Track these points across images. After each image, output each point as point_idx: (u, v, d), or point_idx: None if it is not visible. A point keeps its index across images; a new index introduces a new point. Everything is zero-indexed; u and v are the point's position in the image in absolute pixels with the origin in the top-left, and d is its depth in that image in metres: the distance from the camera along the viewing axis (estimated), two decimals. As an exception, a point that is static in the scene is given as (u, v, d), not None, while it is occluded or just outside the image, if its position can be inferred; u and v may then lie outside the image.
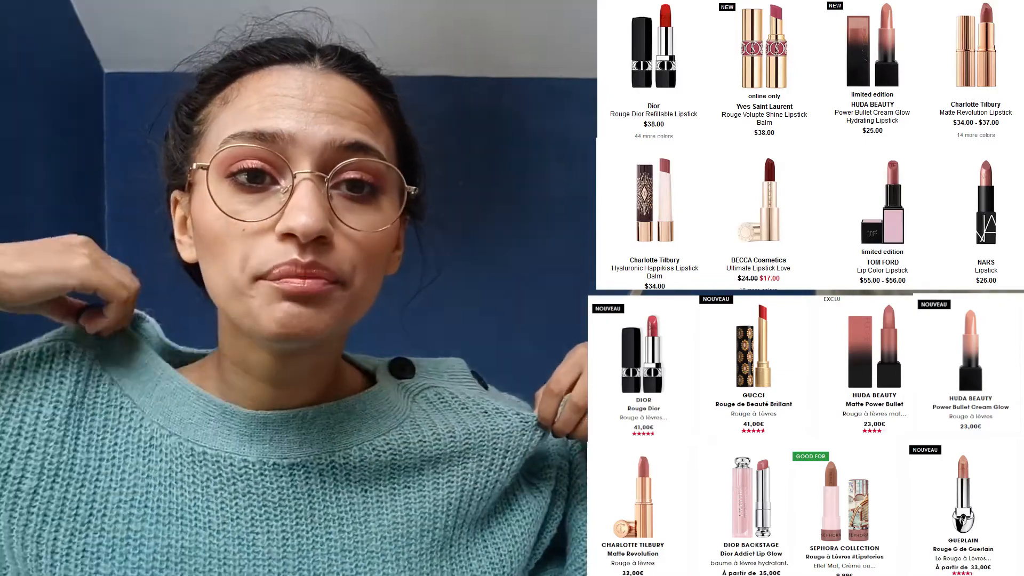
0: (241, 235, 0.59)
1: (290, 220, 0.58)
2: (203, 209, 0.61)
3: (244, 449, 0.65)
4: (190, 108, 0.66)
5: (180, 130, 0.66)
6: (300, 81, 0.62)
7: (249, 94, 0.62)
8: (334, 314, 0.61)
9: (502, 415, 0.74)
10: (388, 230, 0.63)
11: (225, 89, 0.64)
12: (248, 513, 0.64)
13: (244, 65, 0.64)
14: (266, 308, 0.59)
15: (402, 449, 0.69)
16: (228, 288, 0.60)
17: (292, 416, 0.66)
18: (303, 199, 0.58)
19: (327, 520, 0.66)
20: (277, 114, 0.60)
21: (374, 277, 0.64)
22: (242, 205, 0.60)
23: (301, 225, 0.57)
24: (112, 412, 0.65)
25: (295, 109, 0.60)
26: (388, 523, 0.68)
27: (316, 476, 0.66)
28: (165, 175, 0.68)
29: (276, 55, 0.64)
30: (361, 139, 0.62)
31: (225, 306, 0.62)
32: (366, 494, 0.68)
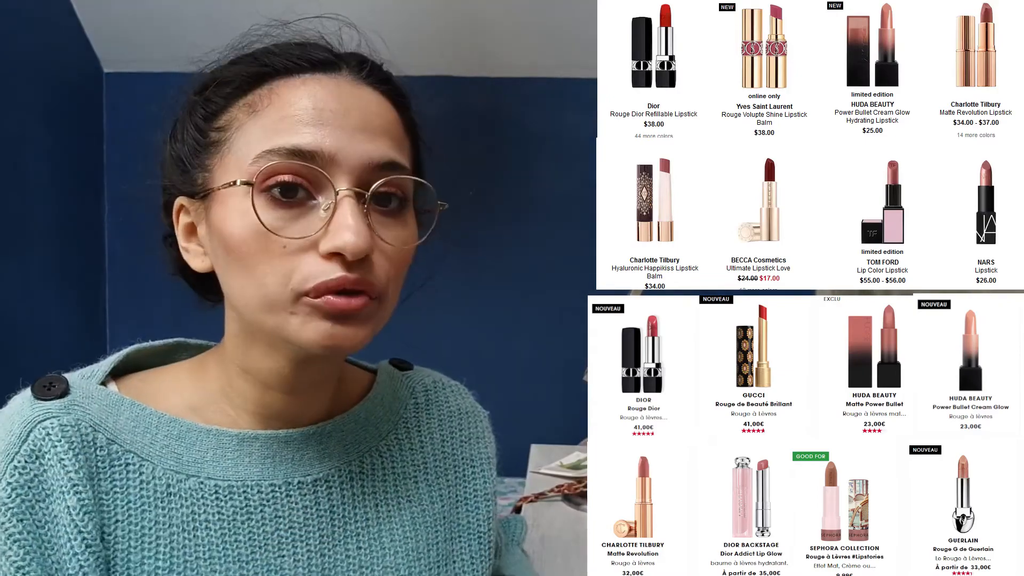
0: (281, 252, 0.58)
1: (338, 240, 0.57)
2: (233, 222, 0.59)
3: (268, 472, 0.65)
4: (207, 112, 0.63)
5: (195, 134, 0.63)
6: (335, 93, 0.61)
7: (282, 105, 0.60)
8: (370, 328, 0.61)
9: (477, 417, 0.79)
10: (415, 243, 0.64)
11: (250, 95, 0.62)
12: (275, 538, 0.64)
13: (271, 71, 0.62)
14: (307, 326, 0.59)
15: (397, 455, 0.72)
16: (263, 303, 0.59)
17: (312, 433, 0.67)
18: (348, 217, 0.58)
19: (346, 537, 0.67)
20: (316, 131, 0.59)
21: (398, 289, 0.65)
22: (279, 221, 0.59)
23: (352, 244, 0.57)
24: (119, 471, 0.61)
25: (332, 126, 0.59)
26: (399, 538, 0.70)
27: (337, 489, 0.67)
28: (169, 179, 0.66)
29: (305, 62, 0.62)
30: (395, 158, 0.62)
31: (257, 319, 0.61)
32: (378, 508, 0.70)
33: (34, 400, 0.61)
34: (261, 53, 0.64)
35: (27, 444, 0.59)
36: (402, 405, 0.75)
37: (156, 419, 0.64)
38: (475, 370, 0.84)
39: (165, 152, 0.66)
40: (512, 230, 2.35)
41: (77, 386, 0.63)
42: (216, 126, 0.62)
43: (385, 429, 0.72)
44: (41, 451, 0.59)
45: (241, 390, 0.65)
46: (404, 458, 0.72)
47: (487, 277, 2.40)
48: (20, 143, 1.99)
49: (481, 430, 0.78)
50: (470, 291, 2.34)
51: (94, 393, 0.63)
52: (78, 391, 0.62)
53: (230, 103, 0.62)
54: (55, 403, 0.61)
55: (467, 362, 0.83)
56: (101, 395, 0.63)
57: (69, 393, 0.62)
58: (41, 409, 0.60)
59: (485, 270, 2.38)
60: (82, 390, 0.63)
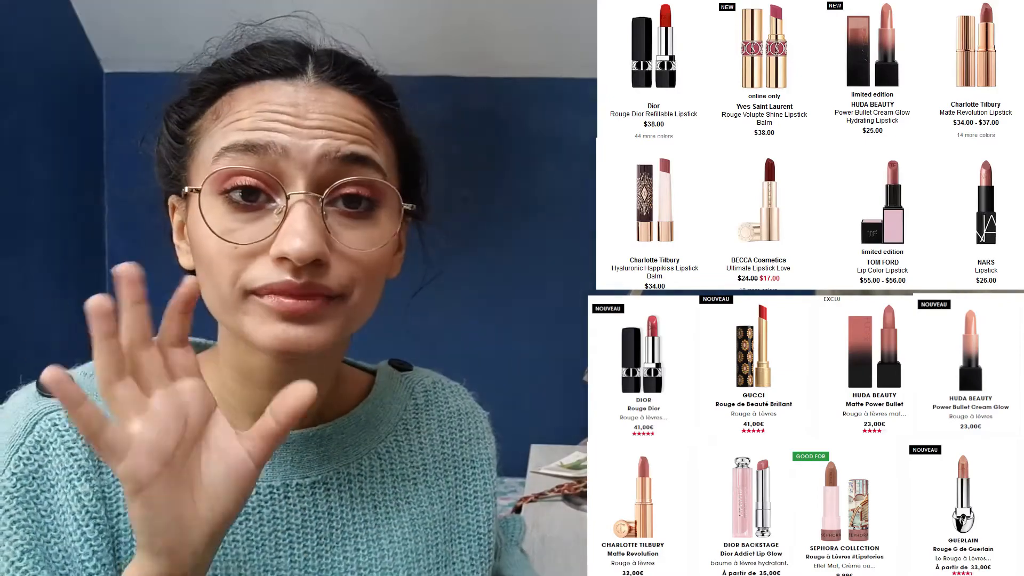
0: (234, 254, 0.59)
1: (284, 245, 0.57)
2: (197, 225, 0.60)
3: (267, 474, 0.65)
4: (181, 118, 0.65)
5: (171, 138, 0.65)
6: (293, 98, 0.60)
7: (240, 109, 0.61)
8: (333, 328, 0.60)
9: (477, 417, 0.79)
10: (388, 244, 0.63)
11: (216, 103, 0.63)
12: (273, 539, 0.65)
13: (234, 78, 0.63)
14: (261, 326, 0.59)
15: (396, 456, 0.72)
16: (220, 303, 0.60)
17: (312, 435, 0.67)
18: (297, 222, 0.57)
19: (344, 539, 0.67)
20: (269, 129, 0.59)
21: (374, 288, 0.64)
22: (236, 224, 0.59)
23: (296, 250, 0.56)
24: None
25: (288, 125, 0.59)
26: (398, 539, 0.70)
27: (335, 492, 0.67)
28: (160, 180, 0.67)
29: (267, 69, 0.62)
30: (357, 151, 0.61)
31: (220, 319, 0.62)
32: (376, 510, 0.70)
33: (39, 395, 0.62)
34: (227, 61, 0.64)
35: (32, 435, 0.60)
36: (402, 406, 0.75)
37: None
38: (475, 370, 0.84)
39: (156, 155, 0.68)
40: (512, 230, 2.35)
41: (81, 382, 0.63)
42: (188, 131, 0.64)
43: (384, 431, 0.72)
44: (46, 441, 0.60)
45: (235, 391, 0.66)
46: (403, 460, 0.73)
47: (487, 277, 2.40)
48: (20, 143, 1.99)
49: (481, 431, 0.78)
50: (470, 291, 2.34)
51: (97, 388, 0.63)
52: (83, 386, 0.62)
53: (201, 111, 0.64)
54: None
55: (467, 362, 0.83)
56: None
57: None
58: (47, 402, 0.61)
59: (485, 270, 2.38)
60: (86, 386, 0.63)
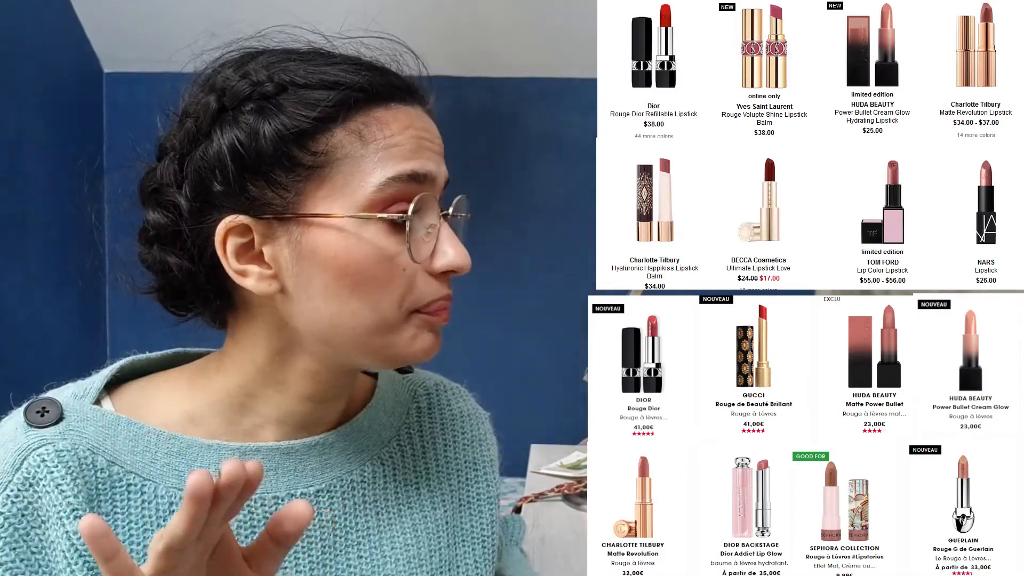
0: (402, 274, 0.62)
1: (455, 260, 0.63)
2: (350, 248, 0.60)
3: (271, 485, 0.65)
4: (299, 137, 0.60)
5: (284, 161, 0.60)
6: (425, 123, 0.65)
7: (391, 134, 0.62)
8: None
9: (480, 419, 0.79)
10: None
11: (351, 121, 0.61)
12: None
13: (364, 96, 0.62)
14: (417, 339, 0.64)
15: (399, 461, 0.72)
16: (377, 323, 0.62)
17: (314, 444, 0.67)
18: (452, 238, 0.64)
19: (348, 547, 0.68)
20: (425, 156, 0.63)
21: None
22: (396, 246, 0.62)
23: (467, 263, 0.64)
24: (120, 492, 0.61)
25: (434, 153, 0.64)
26: (400, 545, 0.70)
27: (339, 500, 0.68)
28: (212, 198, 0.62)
29: (395, 89, 0.64)
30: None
31: (364, 339, 0.63)
32: (379, 516, 0.70)
33: (28, 427, 0.61)
34: (343, 75, 0.62)
35: (20, 472, 0.59)
36: (404, 410, 0.75)
37: (155, 436, 0.64)
38: (475, 370, 0.84)
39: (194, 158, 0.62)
40: (512, 230, 2.34)
41: (71, 409, 0.63)
42: (314, 150, 0.61)
43: (387, 436, 0.72)
44: (36, 478, 0.59)
45: (267, 398, 0.65)
46: (406, 464, 0.73)
47: (487, 277, 2.40)
48: (19, 143, 1.99)
49: (483, 432, 0.78)
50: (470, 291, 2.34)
51: (89, 415, 0.63)
52: (73, 415, 0.62)
53: (328, 127, 0.61)
54: (50, 429, 0.61)
55: (467, 362, 0.83)
56: (96, 416, 0.63)
57: (64, 418, 0.62)
58: (36, 436, 0.60)
59: (485, 270, 2.38)
60: (77, 413, 0.62)
